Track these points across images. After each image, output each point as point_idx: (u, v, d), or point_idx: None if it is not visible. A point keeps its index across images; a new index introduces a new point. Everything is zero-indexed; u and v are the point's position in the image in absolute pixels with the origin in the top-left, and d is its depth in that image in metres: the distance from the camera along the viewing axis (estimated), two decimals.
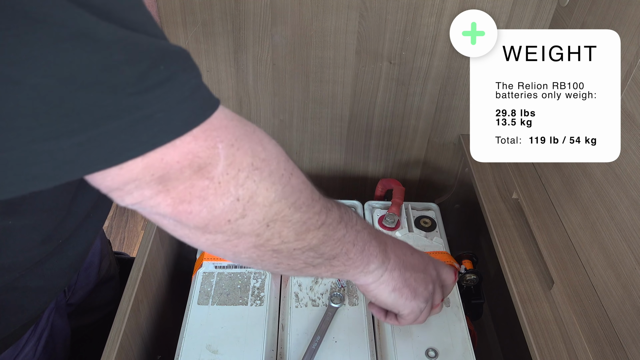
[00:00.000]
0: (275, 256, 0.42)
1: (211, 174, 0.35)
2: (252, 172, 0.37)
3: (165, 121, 0.32)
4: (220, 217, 0.37)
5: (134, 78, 0.30)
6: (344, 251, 0.47)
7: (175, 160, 0.33)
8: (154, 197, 0.34)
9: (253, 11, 0.81)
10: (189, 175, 0.34)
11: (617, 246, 0.60)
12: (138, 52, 0.31)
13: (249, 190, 0.37)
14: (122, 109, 0.30)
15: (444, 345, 0.65)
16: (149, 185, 0.34)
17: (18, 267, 0.53)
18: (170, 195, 0.35)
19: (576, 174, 0.69)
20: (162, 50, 0.32)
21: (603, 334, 0.60)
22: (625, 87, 0.59)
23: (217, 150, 0.34)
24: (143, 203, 0.35)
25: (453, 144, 0.98)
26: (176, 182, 0.34)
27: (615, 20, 0.63)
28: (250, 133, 0.37)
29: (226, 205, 0.36)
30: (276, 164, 0.39)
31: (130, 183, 0.33)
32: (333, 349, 0.64)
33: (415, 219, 0.82)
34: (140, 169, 0.32)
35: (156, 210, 0.36)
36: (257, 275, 0.72)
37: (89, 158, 0.31)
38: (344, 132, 0.97)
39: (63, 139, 0.29)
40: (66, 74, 0.28)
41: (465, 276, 0.75)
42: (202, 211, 0.36)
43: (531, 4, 0.79)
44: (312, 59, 0.86)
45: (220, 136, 0.35)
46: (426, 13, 0.80)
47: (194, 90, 0.33)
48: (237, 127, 0.36)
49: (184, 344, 0.64)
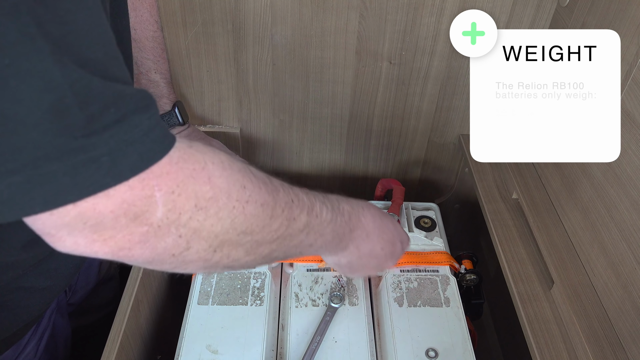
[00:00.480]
0: (227, 269, 0.43)
1: (149, 220, 0.34)
2: (195, 213, 0.36)
3: (110, 165, 0.30)
4: (164, 253, 0.36)
5: (83, 121, 0.29)
6: (297, 252, 0.48)
7: (108, 210, 0.32)
8: (90, 246, 0.33)
9: (253, 11, 0.81)
10: (125, 223, 0.33)
11: (617, 246, 0.60)
12: (90, 96, 0.29)
13: (192, 229, 0.36)
14: (65, 151, 0.29)
15: (444, 345, 0.65)
16: (82, 233, 0.32)
17: (21, 264, 0.53)
18: (107, 245, 0.33)
19: (576, 174, 0.69)
20: (115, 93, 0.31)
21: (603, 334, 0.60)
22: (625, 87, 0.59)
23: (155, 199, 0.33)
24: (78, 250, 0.33)
25: (453, 144, 0.98)
26: (112, 230, 0.33)
27: (615, 20, 0.63)
28: (198, 172, 0.36)
29: (168, 243, 0.36)
30: (226, 199, 0.38)
31: (63, 229, 0.32)
32: (333, 349, 0.64)
33: (415, 219, 0.82)
34: (72, 217, 0.31)
35: (95, 255, 0.34)
36: (257, 276, 0.72)
37: (25, 200, 0.29)
38: (344, 132, 0.97)
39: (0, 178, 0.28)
40: (10, 111, 0.27)
41: (465, 276, 0.75)
42: (144, 253, 0.35)
43: (531, 4, 0.79)
44: (312, 59, 0.86)
45: (158, 184, 0.33)
46: (426, 13, 0.80)
47: (145, 132, 0.32)
48: (180, 171, 0.34)
49: (184, 344, 0.64)
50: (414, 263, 0.74)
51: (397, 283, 0.72)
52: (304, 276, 0.73)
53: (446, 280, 0.73)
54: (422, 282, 0.72)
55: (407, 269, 0.74)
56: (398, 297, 0.70)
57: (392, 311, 0.68)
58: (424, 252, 0.76)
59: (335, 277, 0.72)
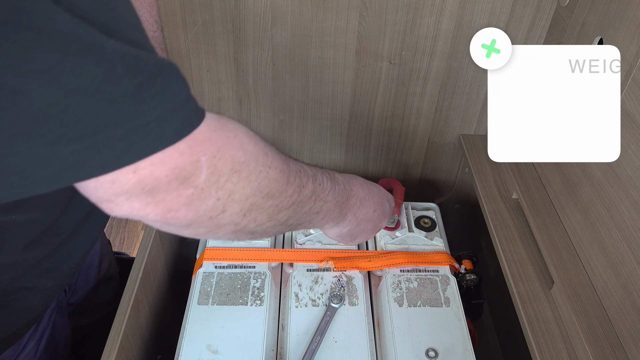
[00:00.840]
0: (250, 235, 0.48)
1: (195, 183, 0.38)
2: (231, 176, 0.41)
3: (158, 131, 0.34)
4: (204, 216, 0.41)
5: (133, 90, 0.32)
6: (307, 219, 0.55)
7: (164, 175, 0.36)
8: (143, 209, 0.37)
9: (253, 11, 0.81)
10: (175, 186, 0.37)
11: (617, 246, 0.60)
12: (138, 66, 0.33)
13: (228, 191, 0.41)
14: (120, 119, 0.32)
15: (444, 345, 0.65)
16: (138, 197, 0.36)
17: (22, 264, 0.53)
18: (158, 207, 0.38)
19: (576, 174, 0.69)
20: (158, 64, 0.34)
21: (603, 334, 0.60)
22: (625, 87, 0.59)
23: (200, 163, 0.38)
24: (132, 214, 0.37)
25: (453, 144, 0.98)
26: (164, 193, 0.37)
27: (615, 20, 0.63)
28: (231, 139, 0.41)
29: (208, 205, 0.40)
30: (254, 163, 0.43)
31: (122, 195, 0.35)
32: (333, 349, 0.64)
33: (415, 219, 0.82)
34: (132, 184, 0.35)
35: (145, 219, 0.39)
36: (257, 276, 0.72)
37: (87, 165, 0.32)
38: (344, 132, 0.97)
39: (63, 146, 0.31)
40: (71, 85, 0.30)
41: (465, 276, 0.75)
42: (187, 215, 0.39)
43: (531, 4, 0.79)
44: (312, 59, 0.86)
45: (203, 150, 0.38)
46: (426, 13, 0.80)
47: (184, 102, 0.36)
48: (219, 138, 0.39)
49: (184, 344, 0.64)
50: (414, 263, 0.74)
51: (397, 283, 0.72)
52: (304, 276, 0.73)
53: (446, 280, 0.73)
54: (422, 282, 0.72)
55: (407, 269, 0.74)
56: (398, 297, 0.70)
57: (392, 311, 0.68)
58: (424, 252, 0.76)
59: (335, 277, 0.72)
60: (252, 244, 0.75)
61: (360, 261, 0.74)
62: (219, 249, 0.74)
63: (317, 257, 0.74)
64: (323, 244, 0.77)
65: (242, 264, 0.73)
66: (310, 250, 0.75)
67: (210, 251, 0.74)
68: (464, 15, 0.80)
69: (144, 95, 0.33)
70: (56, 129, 0.31)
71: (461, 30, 0.82)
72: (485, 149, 0.56)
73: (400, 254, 0.75)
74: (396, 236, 0.78)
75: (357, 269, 0.73)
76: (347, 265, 0.73)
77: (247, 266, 0.73)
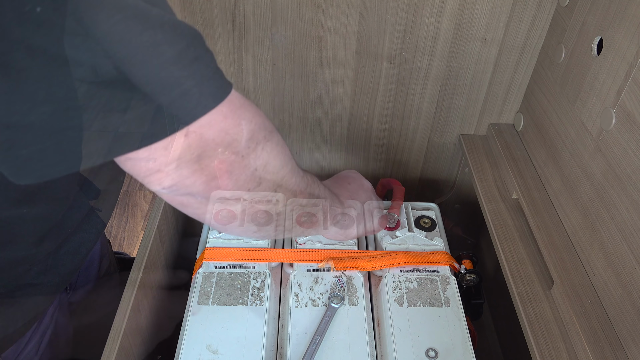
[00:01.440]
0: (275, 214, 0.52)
1: (237, 149, 0.39)
2: (265, 144, 0.42)
3: (198, 96, 0.35)
4: (243, 187, 0.43)
5: (174, 57, 0.34)
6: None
7: (211, 138, 0.37)
8: (190, 177, 0.38)
9: (253, 11, 0.81)
10: (220, 152, 0.38)
11: (617, 246, 0.60)
12: (176, 34, 0.34)
13: (263, 160, 0.43)
14: (167, 85, 0.34)
15: (444, 345, 0.65)
16: (187, 164, 0.37)
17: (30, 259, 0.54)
18: (204, 173, 0.39)
19: (576, 173, 0.69)
20: (192, 33, 0.35)
21: (603, 334, 0.60)
22: (625, 87, 0.59)
23: (241, 127, 0.39)
24: (179, 184, 0.39)
25: (453, 144, 0.98)
26: (210, 159, 0.38)
27: (615, 20, 0.63)
28: (257, 109, 0.43)
29: (247, 176, 0.42)
30: (277, 135, 0.46)
31: (172, 163, 0.37)
32: (333, 349, 0.64)
33: (415, 219, 0.82)
34: (183, 148, 0.36)
35: (189, 190, 0.40)
36: (257, 276, 0.72)
37: (141, 132, 0.34)
38: (344, 132, 0.97)
39: (116, 117, 0.33)
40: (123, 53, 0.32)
41: (465, 276, 0.75)
42: (228, 184, 0.41)
43: (531, 4, 0.79)
44: (312, 59, 0.86)
45: (241, 114, 0.39)
46: (426, 13, 0.80)
47: (215, 69, 0.37)
48: (250, 105, 0.41)
49: (184, 344, 0.64)
50: (414, 263, 0.74)
51: (397, 283, 0.72)
52: (304, 276, 0.73)
53: (446, 280, 0.73)
54: (422, 282, 0.72)
55: (407, 269, 0.74)
56: (398, 297, 0.70)
57: (392, 311, 0.68)
58: (424, 252, 0.76)
59: (335, 277, 0.72)
60: (252, 244, 0.75)
61: (360, 261, 0.74)
62: (219, 249, 0.74)
63: (317, 257, 0.74)
64: (323, 244, 0.77)
65: (242, 264, 0.73)
66: (310, 250, 0.75)
67: (210, 251, 0.74)
68: (464, 15, 0.80)
69: (183, 62, 0.34)
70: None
71: (461, 30, 0.82)
72: (485, 148, 0.56)
73: (400, 254, 0.75)
74: (396, 236, 0.78)
75: (357, 269, 0.73)
76: (347, 265, 0.73)
77: (247, 266, 0.73)
